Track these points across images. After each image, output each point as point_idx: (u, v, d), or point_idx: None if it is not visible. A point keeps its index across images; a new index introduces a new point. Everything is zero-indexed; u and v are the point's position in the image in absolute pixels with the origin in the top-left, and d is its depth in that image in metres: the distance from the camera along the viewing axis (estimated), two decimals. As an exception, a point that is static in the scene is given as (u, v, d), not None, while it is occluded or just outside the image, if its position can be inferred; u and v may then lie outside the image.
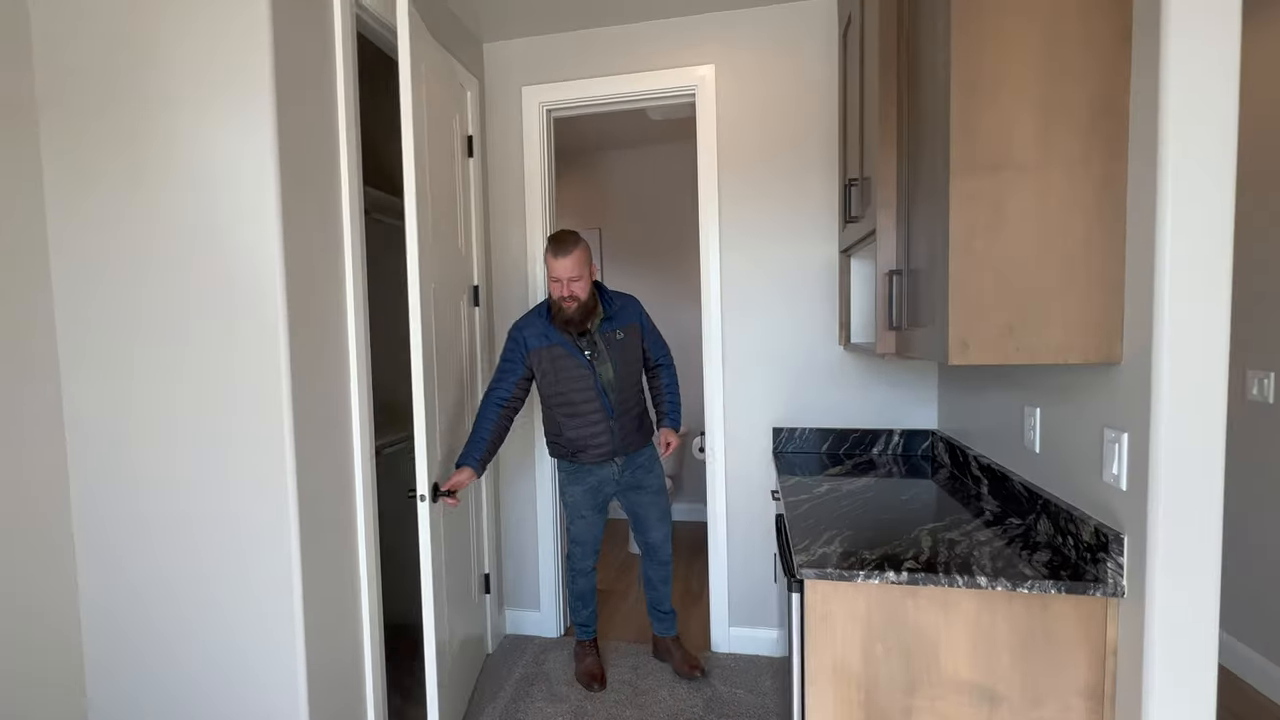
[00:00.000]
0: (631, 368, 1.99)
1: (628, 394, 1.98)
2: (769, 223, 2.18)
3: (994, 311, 1.09)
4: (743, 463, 2.23)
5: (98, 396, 1.43)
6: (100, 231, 1.39)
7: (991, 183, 1.07)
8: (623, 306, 2.00)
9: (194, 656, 1.42)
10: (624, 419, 1.98)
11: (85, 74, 1.37)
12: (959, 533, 1.31)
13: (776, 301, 2.18)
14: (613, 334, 1.95)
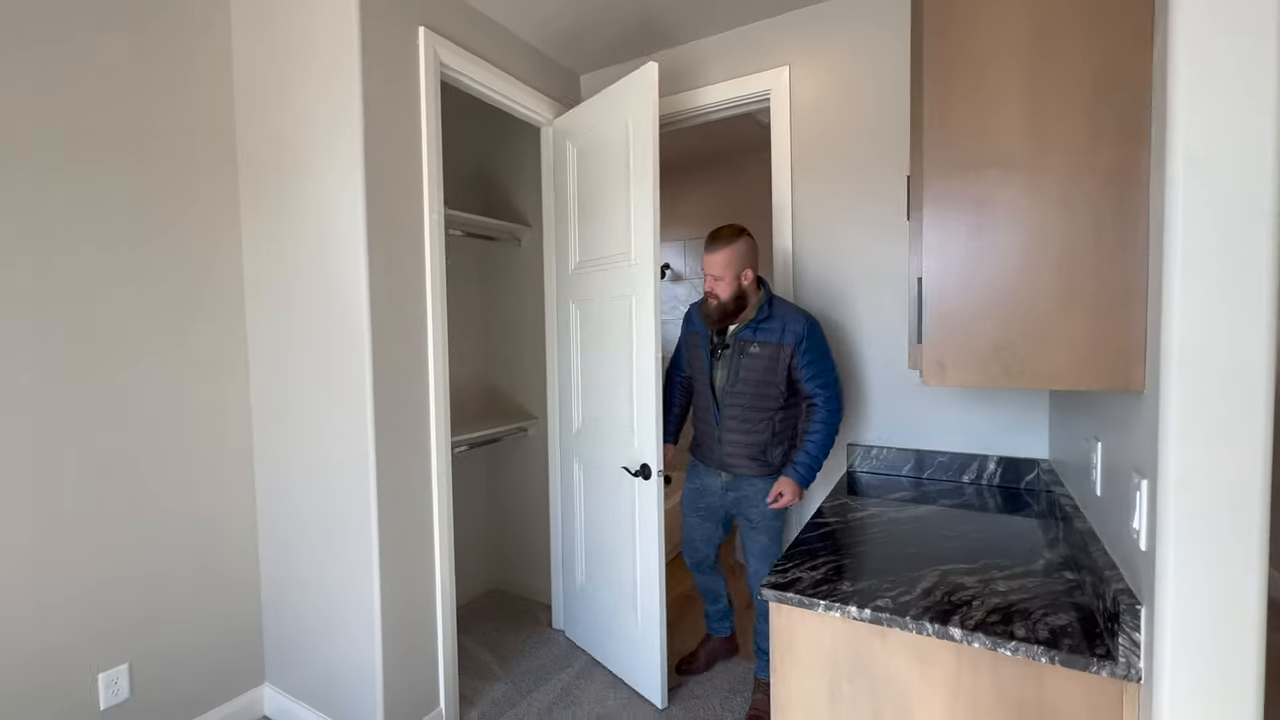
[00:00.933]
0: (755, 387, 1.81)
1: (739, 411, 1.84)
2: (844, 224, 2.04)
3: (978, 328, 0.95)
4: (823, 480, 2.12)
5: (269, 394, 1.92)
6: (265, 256, 1.87)
7: (973, 180, 0.94)
8: (781, 322, 1.80)
9: (314, 604, 1.83)
10: (730, 434, 1.86)
11: (264, 142, 1.85)
12: (982, 578, 1.14)
13: (854, 306, 2.04)
14: (747, 343, 1.82)
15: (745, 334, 1.83)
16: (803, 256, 2.12)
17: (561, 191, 2.33)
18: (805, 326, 1.79)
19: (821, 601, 1.07)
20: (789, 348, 1.78)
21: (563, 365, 2.38)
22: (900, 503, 1.66)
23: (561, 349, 2.38)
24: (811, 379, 1.79)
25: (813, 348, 1.79)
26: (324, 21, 1.69)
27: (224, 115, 1.90)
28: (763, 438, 1.86)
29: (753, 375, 1.82)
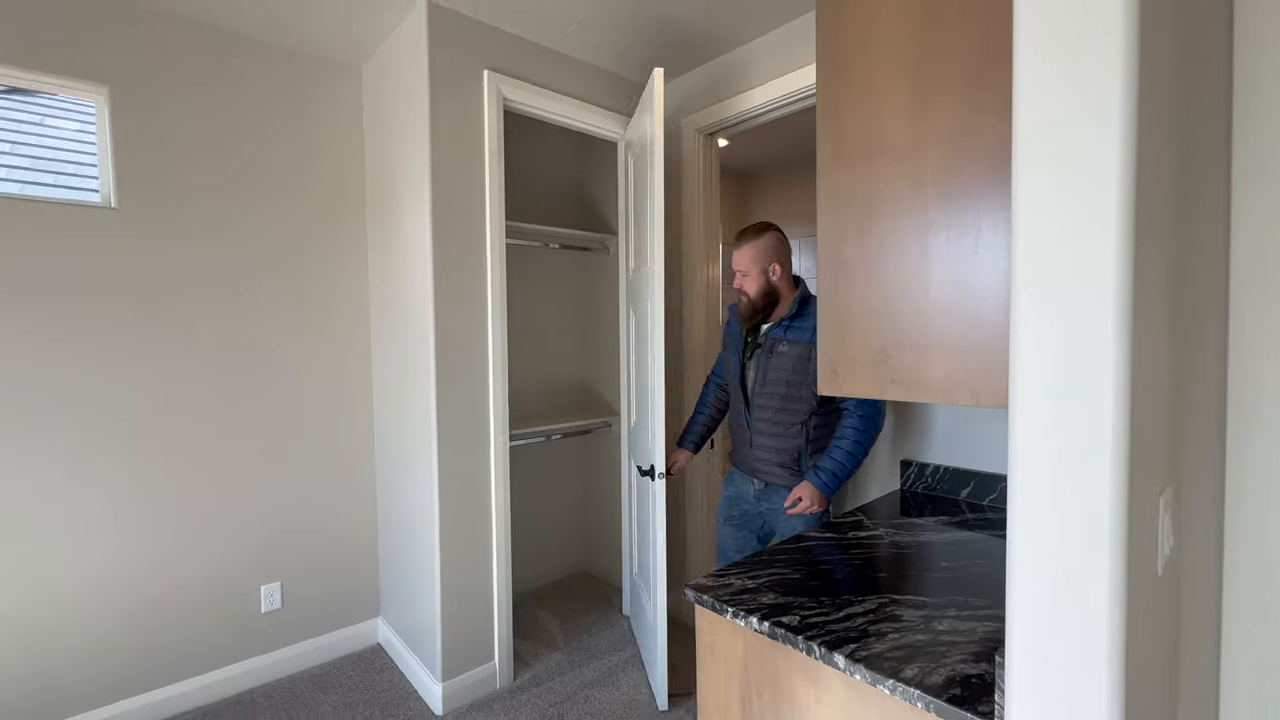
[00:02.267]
0: (785, 389, 1.75)
1: (769, 414, 1.77)
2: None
3: (865, 333, 0.88)
4: (867, 498, 1.96)
5: (381, 380, 2.37)
6: (378, 274, 2.32)
7: (861, 176, 0.88)
8: (814, 321, 1.72)
9: (406, 559, 2.22)
10: (761, 437, 1.80)
11: (379, 175, 2.30)
12: (929, 614, 1.02)
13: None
14: (777, 341, 1.77)
15: (776, 332, 1.78)
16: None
17: (625, 200, 2.47)
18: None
19: (730, 608, 1.06)
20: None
21: (625, 365, 2.52)
22: (926, 527, 1.49)
23: (624, 350, 2.52)
24: None
25: None
26: (404, 78, 2.06)
27: (357, 170, 2.39)
28: (795, 443, 1.76)
29: (781, 375, 1.75)
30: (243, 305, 2.14)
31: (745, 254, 1.78)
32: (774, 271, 1.78)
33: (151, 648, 1.99)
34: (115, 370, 1.91)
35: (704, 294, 2.56)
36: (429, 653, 2.08)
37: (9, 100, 1.82)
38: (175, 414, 2.02)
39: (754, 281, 1.78)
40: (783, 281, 1.80)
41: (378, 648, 2.45)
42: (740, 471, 1.93)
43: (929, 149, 0.80)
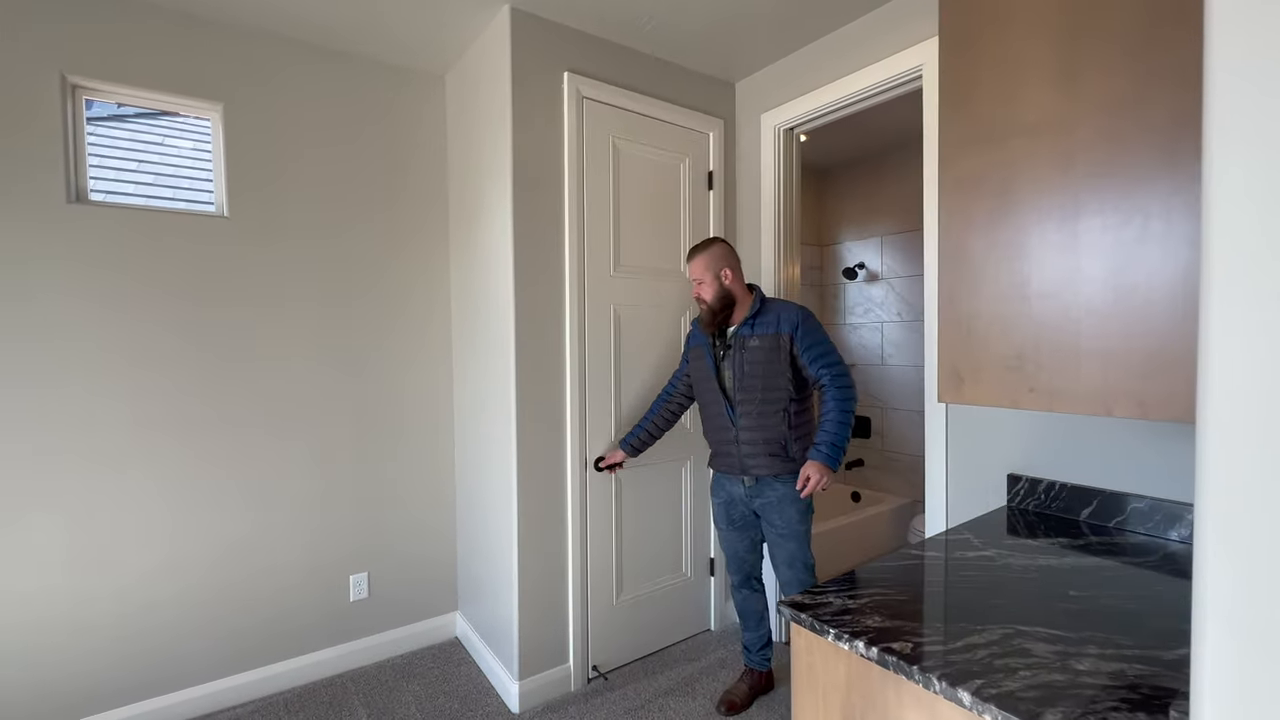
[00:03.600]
0: (763, 379, 1.85)
1: (753, 406, 1.86)
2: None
3: (995, 336, 0.79)
4: (966, 514, 1.81)
5: (465, 393, 2.43)
6: (459, 278, 2.38)
7: (993, 159, 0.79)
8: (775, 315, 1.88)
9: (485, 555, 2.26)
10: (747, 431, 1.87)
11: (461, 180, 2.37)
12: (1064, 650, 0.91)
13: (1026, 311, 1.69)
14: (746, 338, 1.88)
15: (743, 330, 1.90)
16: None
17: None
18: (799, 314, 1.87)
19: (832, 630, 0.99)
20: (786, 335, 1.85)
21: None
22: (1043, 550, 1.34)
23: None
24: (814, 361, 1.84)
25: (809, 332, 1.85)
26: (488, 80, 2.10)
27: (440, 177, 2.47)
28: (780, 430, 1.86)
29: (757, 367, 1.86)
30: (341, 308, 2.24)
31: (699, 264, 1.91)
32: (726, 276, 1.90)
33: (249, 629, 2.11)
34: (222, 365, 2.04)
35: (787, 293, 2.47)
36: (506, 650, 2.11)
37: (138, 124, 1.99)
38: (278, 407, 2.14)
39: (710, 288, 1.90)
40: (736, 284, 1.92)
41: (455, 641, 2.50)
42: (728, 475, 1.99)
43: (1080, 124, 0.70)
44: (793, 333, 1.85)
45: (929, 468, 1.91)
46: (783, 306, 1.90)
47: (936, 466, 1.88)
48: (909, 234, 3.55)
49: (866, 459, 3.84)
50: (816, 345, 1.85)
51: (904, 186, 3.58)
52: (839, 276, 3.96)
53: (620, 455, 2.13)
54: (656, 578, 2.39)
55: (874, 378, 3.76)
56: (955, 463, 1.84)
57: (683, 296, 2.44)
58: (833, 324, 4.01)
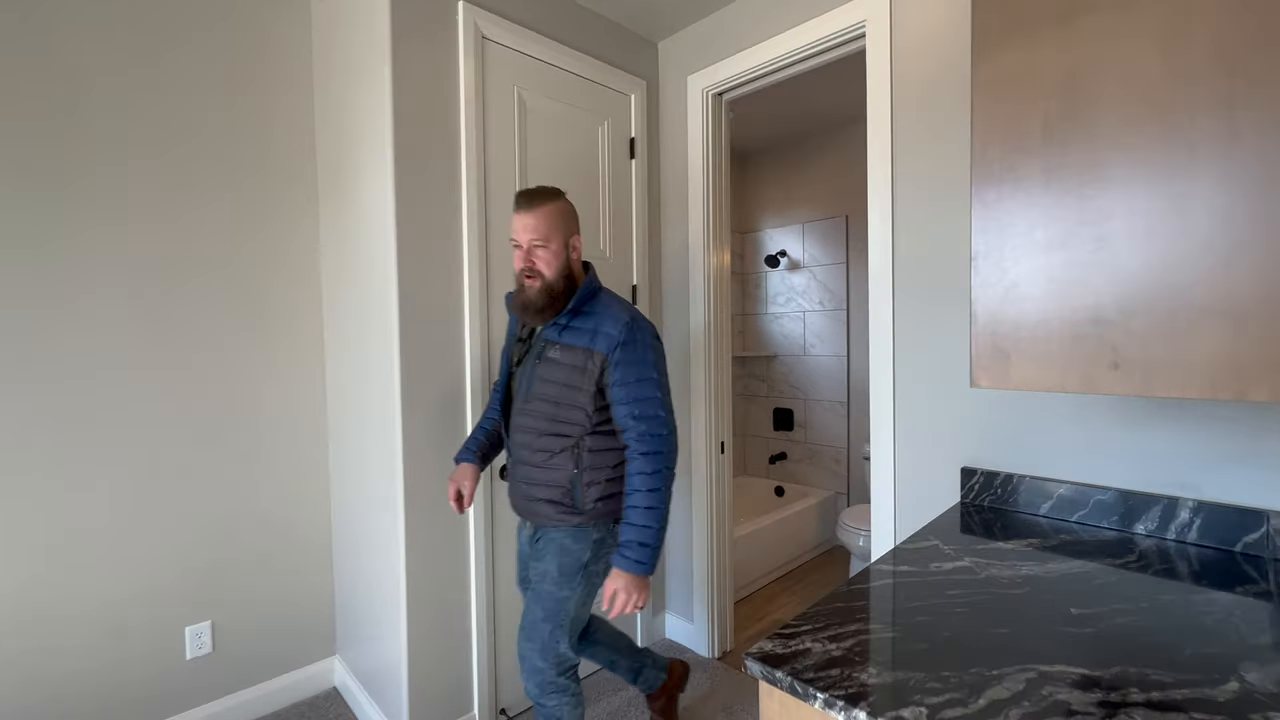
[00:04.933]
0: (553, 407, 1.36)
1: (530, 437, 1.39)
2: (964, 173, 1.57)
3: (1059, 292, 0.57)
4: (917, 512, 1.66)
5: (341, 400, 2.00)
6: (331, 243, 1.95)
7: (1055, 46, 0.56)
8: (596, 322, 1.36)
9: (366, 589, 1.86)
10: (524, 466, 1.42)
11: (332, 145, 1.93)
12: (1108, 698, 0.72)
13: (967, 290, 1.55)
14: (549, 345, 1.39)
15: (549, 333, 1.40)
16: (905, 233, 1.67)
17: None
18: (623, 330, 1.33)
19: (821, 694, 0.75)
20: (599, 355, 1.33)
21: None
22: (1019, 554, 1.19)
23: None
24: (623, 402, 1.31)
25: (629, 360, 1.32)
26: (363, 9, 1.69)
27: (306, 137, 2.01)
28: (565, 473, 1.37)
29: (549, 391, 1.37)
30: (169, 303, 1.74)
31: (544, 218, 1.34)
32: (575, 247, 1.41)
33: (42, 713, 1.59)
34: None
35: (716, 283, 2.25)
36: (394, 700, 1.73)
37: None
38: (81, 424, 1.62)
39: (554, 257, 1.35)
40: (578, 263, 1.43)
41: (333, 693, 2.07)
42: (518, 514, 1.51)
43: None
44: (608, 353, 1.33)
45: (875, 464, 1.75)
46: (612, 312, 1.37)
47: (883, 462, 1.73)
48: (831, 220, 3.47)
49: (789, 452, 3.75)
50: (634, 384, 1.32)
51: (825, 172, 3.50)
52: (760, 265, 3.84)
53: (470, 476, 1.50)
54: (577, 599, 2.09)
55: (796, 368, 3.67)
56: (905, 457, 1.69)
57: (613, 283, 2.15)
58: (754, 314, 3.89)
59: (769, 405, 3.84)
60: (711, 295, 2.23)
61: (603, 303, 1.40)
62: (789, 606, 2.73)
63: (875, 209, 1.72)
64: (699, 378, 2.24)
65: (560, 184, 2.01)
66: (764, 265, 3.81)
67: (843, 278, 3.42)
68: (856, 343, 3.38)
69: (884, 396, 1.72)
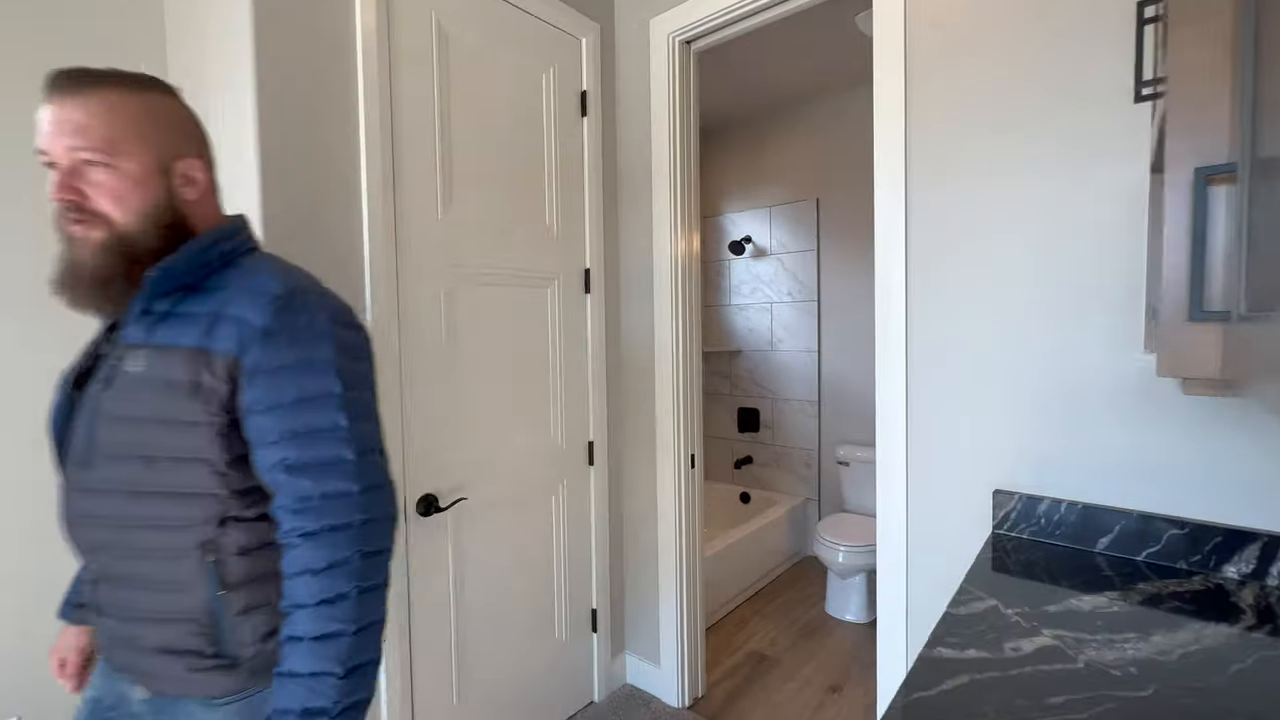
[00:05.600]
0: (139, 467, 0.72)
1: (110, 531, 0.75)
2: (994, 144, 1.27)
3: None
4: (935, 544, 1.38)
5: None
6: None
7: None
8: (221, 299, 0.74)
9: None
10: (110, 588, 0.77)
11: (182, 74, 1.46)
12: None
13: (1011, 274, 1.27)
14: (131, 352, 0.74)
15: (133, 331, 0.75)
16: (920, 210, 1.37)
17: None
18: (269, 309, 0.73)
19: None
20: (222, 360, 0.72)
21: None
22: (1108, 621, 0.90)
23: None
24: (267, 442, 0.72)
25: (280, 364, 0.72)
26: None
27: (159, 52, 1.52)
28: (191, 597, 0.73)
29: (128, 438, 0.73)
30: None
31: (101, 112, 0.70)
32: (188, 178, 0.77)
33: None
34: None
35: (685, 270, 1.90)
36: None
37: None
38: None
39: (129, 185, 0.72)
40: (207, 203, 0.81)
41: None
42: (103, 660, 0.85)
43: None
44: (239, 355, 0.72)
45: (883, 484, 1.45)
46: (250, 283, 0.76)
47: (894, 479, 1.43)
48: (800, 204, 3.19)
49: (755, 455, 3.47)
50: (290, 408, 0.72)
51: (795, 150, 3.21)
52: (723, 251, 3.53)
53: (72, 639, 0.91)
54: (520, 649, 1.72)
55: (763, 365, 3.39)
56: (920, 476, 1.40)
57: (562, 270, 1.76)
58: (717, 305, 3.58)
59: (733, 405, 3.54)
60: (680, 285, 1.88)
61: (244, 270, 0.78)
62: (764, 633, 2.44)
63: (884, 186, 1.41)
64: (665, 380, 1.90)
65: (495, 141, 1.61)
66: (728, 252, 3.50)
67: (813, 266, 3.15)
68: (829, 337, 3.12)
69: (893, 403, 1.41)
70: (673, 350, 1.88)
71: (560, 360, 1.81)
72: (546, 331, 1.78)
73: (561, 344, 1.81)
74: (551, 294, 1.79)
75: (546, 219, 1.76)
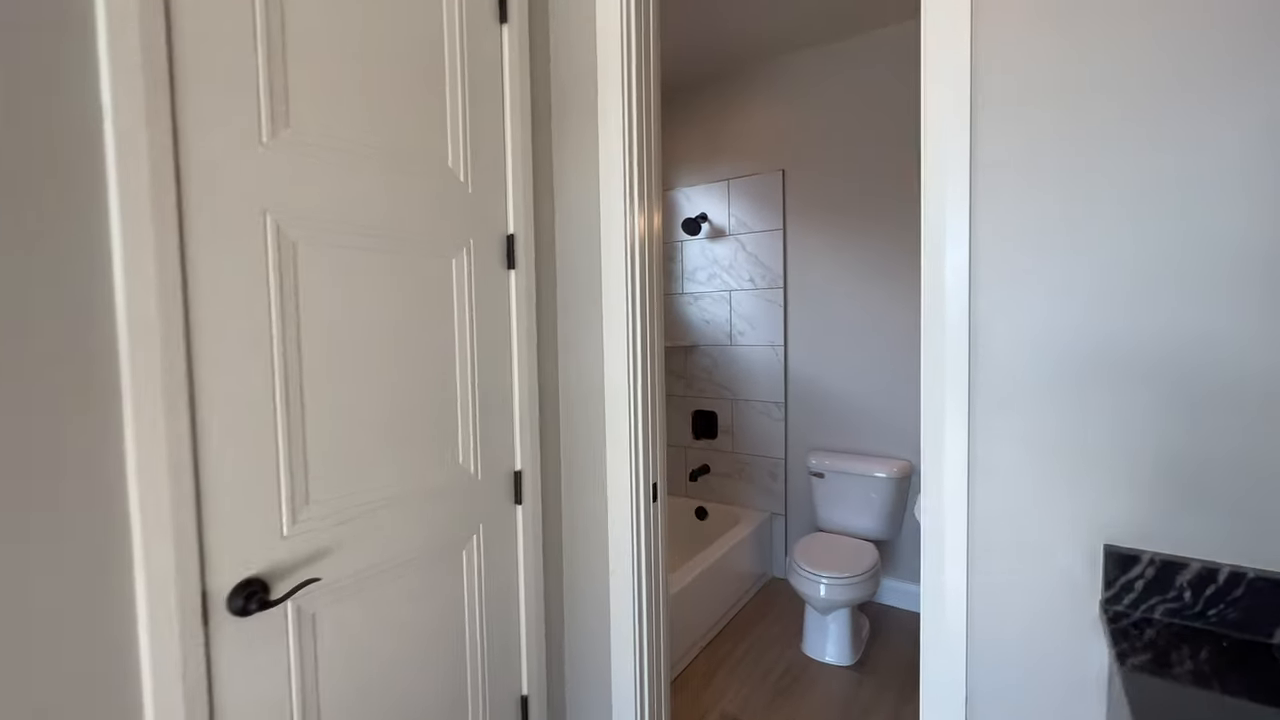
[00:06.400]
0: None
1: None
2: (1131, 51, 0.87)
3: None
4: (1009, 624, 0.97)
5: None
6: None
7: None
8: None
9: None
10: None
11: None
12: None
13: (1107, 246, 0.87)
14: None
15: None
16: (1003, 176, 0.95)
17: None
18: None
19: None
20: None
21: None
22: None
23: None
24: None
25: None
26: None
27: None
28: None
29: None
30: None
31: None
32: None
33: None
34: None
35: (643, 260, 1.42)
36: None
37: None
38: None
39: None
40: None
41: None
42: None
43: None
44: None
45: (930, 529, 1.03)
46: None
47: (953, 526, 1.01)
48: (763, 177, 2.78)
49: (713, 464, 3.05)
50: None
51: (757, 115, 2.79)
52: (676, 232, 3.07)
53: None
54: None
55: (721, 361, 2.97)
56: (985, 520, 0.99)
57: (473, 233, 1.24)
58: (669, 293, 3.12)
59: (687, 407, 3.11)
60: (637, 267, 1.41)
61: None
62: (734, 689, 2.02)
63: (935, 127, 0.99)
64: (618, 389, 1.41)
65: (365, 34, 1.06)
66: (681, 232, 3.05)
67: (778, 248, 2.75)
68: (797, 329, 2.74)
69: (948, 414, 1.00)
70: (629, 350, 1.40)
71: (473, 360, 1.29)
72: (451, 319, 1.25)
73: (474, 337, 1.30)
74: (458, 267, 1.26)
75: (449, 159, 1.23)
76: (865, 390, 2.57)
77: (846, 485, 2.46)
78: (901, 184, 2.42)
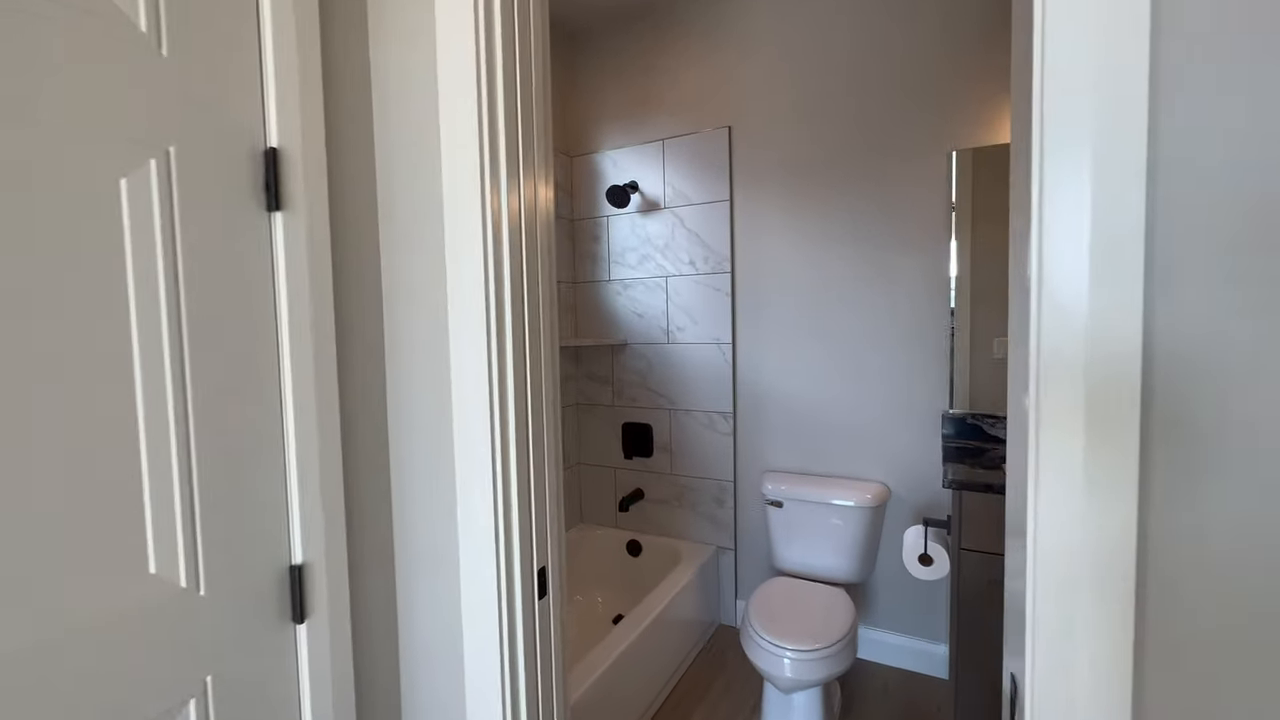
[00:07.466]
0: None
1: None
2: None
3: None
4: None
5: None
6: None
7: None
8: None
9: None
10: None
11: None
12: None
13: None
14: None
15: None
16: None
17: None
18: None
19: None
20: None
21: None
22: None
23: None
24: None
25: None
26: None
27: None
28: None
29: None
30: None
31: None
32: None
33: None
34: None
35: (513, 242, 0.85)
36: None
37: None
38: None
39: None
40: None
41: None
42: None
43: None
44: None
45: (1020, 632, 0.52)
46: None
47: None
48: (705, 135, 2.26)
49: (647, 488, 2.51)
50: None
51: (698, 59, 2.26)
52: (600, 204, 2.51)
53: None
54: None
55: (657, 363, 2.43)
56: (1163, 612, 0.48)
57: (182, 130, 0.64)
58: (590, 281, 2.56)
59: (615, 419, 2.55)
60: (507, 241, 0.84)
61: None
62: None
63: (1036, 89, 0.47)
64: (470, 430, 0.84)
65: None
66: (605, 205, 2.49)
67: (724, 223, 2.24)
68: (747, 322, 2.24)
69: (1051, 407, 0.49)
70: (489, 362, 0.83)
71: (182, 375, 0.69)
72: (121, 296, 0.64)
73: (185, 330, 0.69)
74: (134, 195, 0.65)
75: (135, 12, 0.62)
76: (832, 396, 2.10)
77: (810, 516, 1.98)
78: (884, 136, 1.97)
